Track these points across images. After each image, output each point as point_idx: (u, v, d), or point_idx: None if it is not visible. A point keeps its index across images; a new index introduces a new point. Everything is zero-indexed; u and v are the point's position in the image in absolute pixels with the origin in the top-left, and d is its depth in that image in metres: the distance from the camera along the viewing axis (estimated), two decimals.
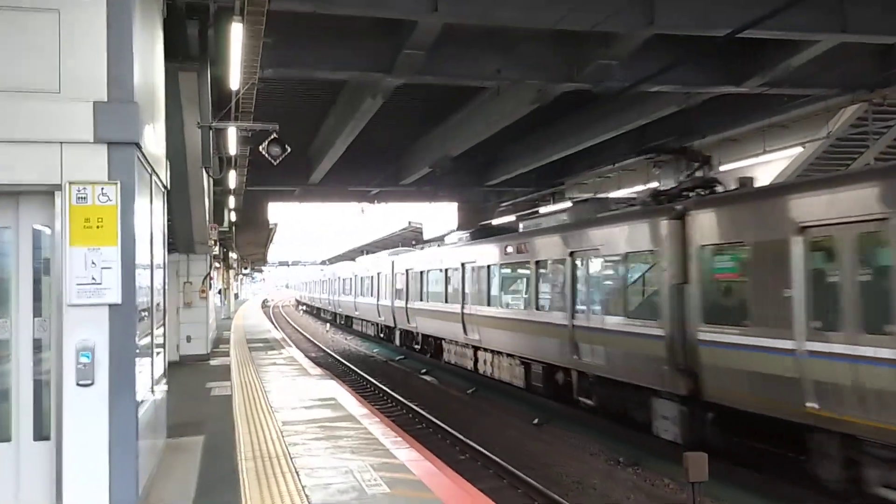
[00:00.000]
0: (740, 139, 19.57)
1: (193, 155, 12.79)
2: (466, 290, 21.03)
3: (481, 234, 21.88)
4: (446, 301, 22.99)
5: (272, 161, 11.09)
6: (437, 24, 11.59)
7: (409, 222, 44.83)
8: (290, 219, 65.97)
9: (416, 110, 21.46)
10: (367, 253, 50.80)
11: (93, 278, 5.87)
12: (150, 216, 7.37)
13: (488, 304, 19.47)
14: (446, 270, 23.10)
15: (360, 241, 61.30)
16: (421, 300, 26.30)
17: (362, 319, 39.89)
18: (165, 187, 8.62)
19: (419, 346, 28.04)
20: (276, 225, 43.70)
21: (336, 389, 13.53)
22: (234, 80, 10.62)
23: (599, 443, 13.84)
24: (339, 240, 75.33)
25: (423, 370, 25.46)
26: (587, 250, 13.81)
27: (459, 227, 37.11)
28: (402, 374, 25.54)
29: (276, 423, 10.08)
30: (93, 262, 5.87)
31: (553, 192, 31.02)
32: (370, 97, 15.74)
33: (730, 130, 19.29)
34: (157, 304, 8.10)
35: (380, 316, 33.62)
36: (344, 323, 48.26)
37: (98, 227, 5.89)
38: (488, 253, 19.41)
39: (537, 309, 16.50)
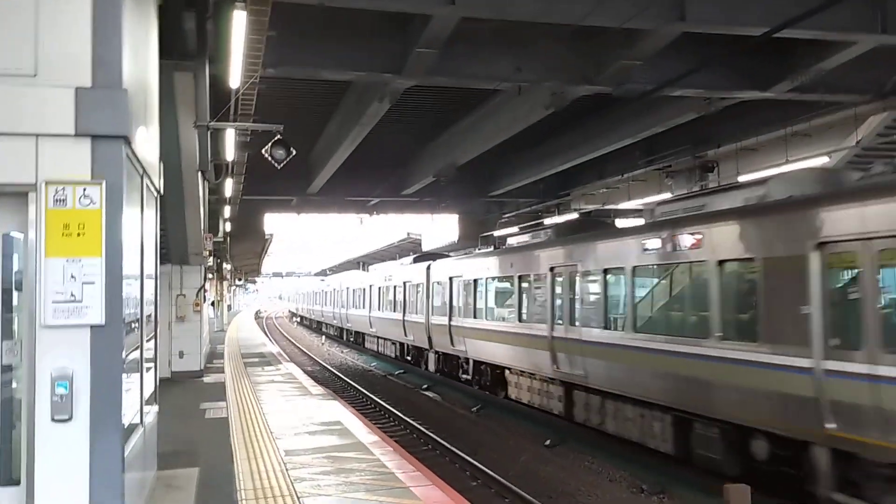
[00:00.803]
0: (759, 148, 18.80)
1: (189, 160, 11.93)
2: (564, 306, 15.28)
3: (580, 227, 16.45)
4: (522, 320, 17.39)
5: (276, 165, 10.22)
6: (452, 18, 10.77)
7: (408, 233, 44.01)
8: (285, 229, 64.94)
9: (422, 117, 20.65)
10: (364, 265, 49.92)
11: (72, 295, 4.99)
12: (142, 223, 6.50)
13: (612, 328, 13.69)
14: (521, 278, 17.46)
15: (357, 252, 60.43)
16: (474, 317, 20.99)
17: (380, 338, 33.70)
18: (159, 192, 7.75)
19: (468, 376, 22.01)
20: (271, 235, 42.82)
21: (341, 411, 12.63)
22: (235, 78, 9.78)
23: (619, 467, 13.01)
24: (334, 251, 74.37)
25: (425, 386, 24.59)
26: None
27: (460, 239, 36.37)
28: (403, 389, 24.65)
29: (277, 451, 9.17)
30: (72, 276, 4.99)
31: (558, 203, 30.22)
32: (377, 101, 14.91)
33: (749, 139, 18.49)
34: (148, 318, 7.21)
35: (407, 335, 28.16)
36: (354, 340, 41.50)
37: (79, 234, 5.01)
38: (618, 251, 13.13)
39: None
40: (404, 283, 28.82)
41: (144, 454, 6.78)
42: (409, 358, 28.91)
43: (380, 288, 33.21)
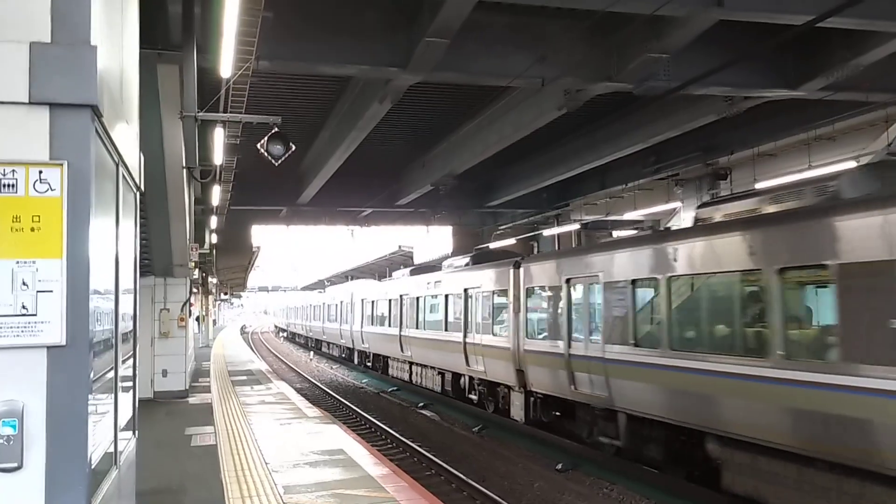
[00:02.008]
0: (779, 153, 17.88)
1: (174, 162, 10.85)
2: None
3: None
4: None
5: (273, 161, 9.10)
6: (467, 3, 9.74)
7: (400, 246, 42.94)
8: (272, 242, 63.73)
9: (420, 124, 19.63)
10: (352, 278, 49.29)
11: (23, 307, 3.87)
12: (117, 223, 5.37)
13: None
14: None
15: (346, 266, 59.23)
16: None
17: (419, 365, 24.76)
18: (139, 189, 6.63)
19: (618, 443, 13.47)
20: (258, 248, 41.64)
21: (341, 438, 11.48)
22: (226, 66, 8.70)
23: (642, 494, 12.03)
24: (321, 265, 73.15)
25: (421, 404, 23.44)
26: None
27: (454, 252, 35.35)
28: (398, 408, 23.50)
29: (275, 489, 8.02)
30: (24, 283, 3.88)
31: (558, 213, 29.27)
32: (377, 101, 13.86)
33: (766, 144, 17.58)
34: (126, 336, 6.07)
35: (473, 364, 19.73)
36: (371, 366, 32.98)
37: (33, 229, 3.90)
38: None
39: None
40: (468, 290, 19.79)
41: (119, 499, 5.63)
42: (471, 396, 20.56)
43: (418, 298, 24.40)
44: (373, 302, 30.98)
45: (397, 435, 17.45)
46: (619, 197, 24.79)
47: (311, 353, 49.86)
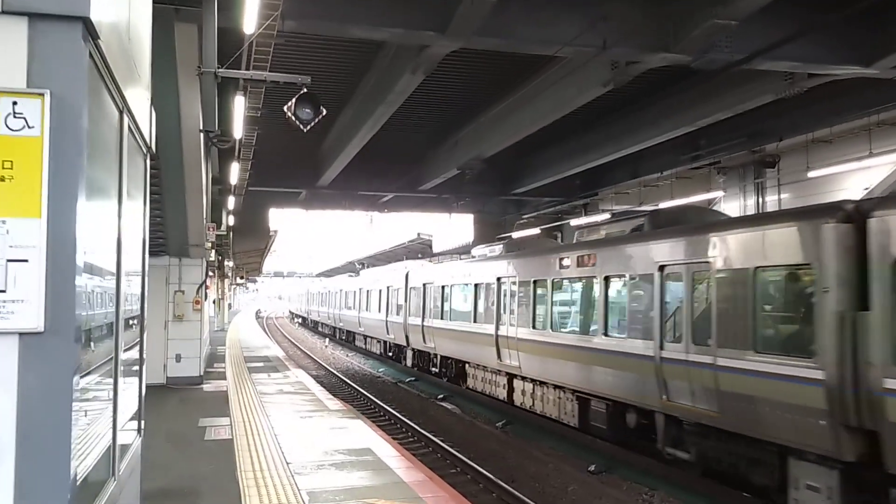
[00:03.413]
0: (834, 140, 16.72)
1: (191, 134, 9.93)
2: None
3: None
4: None
5: (302, 127, 8.13)
6: None
7: (419, 234, 41.94)
8: (289, 227, 62.88)
9: (450, 101, 18.60)
10: (367, 266, 47.90)
11: None
12: (120, 183, 4.43)
13: None
14: None
15: (363, 253, 58.37)
16: None
17: (541, 382, 16.65)
18: (150, 150, 5.69)
19: None
20: (276, 232, 40.78)
21: (368, 435, 10.56)
22: (249, 22, 7.75)
23: (685, 501, 11.14)
24: (337, 252, 72.29)
25: (441, 395, 22.56)
26: None
27: (475, 241, 34.38)
28: (416, 399, 22.63)
29: (298, 495, 7.09)
30: None
31: (585, 202, 28.19)
32: (409, 72, 12.88)
33: (821, 130, 16.45)
34: (131, 321, 5.14)
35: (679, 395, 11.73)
36: (446, 373, 23.80)
37: (3, 178, 2.97)
38: None
39: None
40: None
41: None
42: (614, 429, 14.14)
43: (536, 283, 16.53)
44: (444, 288, 22.72)
45: (420, 429, 16.60)
46: (653, 186, 23.66)
47: (327, 339, 49.04)
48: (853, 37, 11.87)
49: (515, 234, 29.67)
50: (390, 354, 31.70)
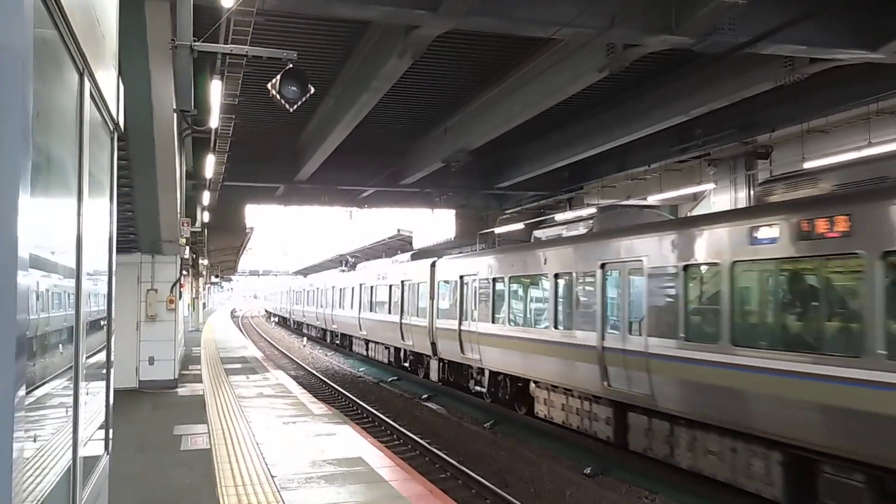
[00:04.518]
0: (830, 130, 16.28)
1: (164, 120, 9.18)
2: None
3: None
4: None
5: (288, 106, 7.41)
6: None
7: (399, 230, 41.25)
8: (265, 224, 61.68)
9: (436, 89, 17.91)
10: (347, 264, 46.19)
11: None
12: (80, 160, 3.71)
13: None
14: None
15: (340, 251, 57.57)
16: None
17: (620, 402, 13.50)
18: (117, 126, 4.96)
19: None
20: (251, 229, 39.91)
21: (357, 441, 9.89)
22: None
23: None
24: (314, 250, 71.33)
25: (425, 396, 22.00)
26: None
27: (457, 237, 33.80)
28: (400, 399, 22.06)
29: None
30: None
31: (570, 197, 27.64)
32: (396, 56, 12.18)
33: (818, 119, 15.98)
34: (95, 324, 4.41)
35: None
36: (492, 392, 19.11)
37: None
38: None
39: None
40: None
41: None
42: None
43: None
44: (498, 282, 17.84)
45: (406, 432, 16.02)
46: (641, 179, 23.15)
47: (305, 339, 48.18)
48: (859, 20, 11.36)
49: (498, 230, 29.16)
50: (406, 365, 26.16)
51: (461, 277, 20.27)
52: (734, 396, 9.96)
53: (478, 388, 19.80)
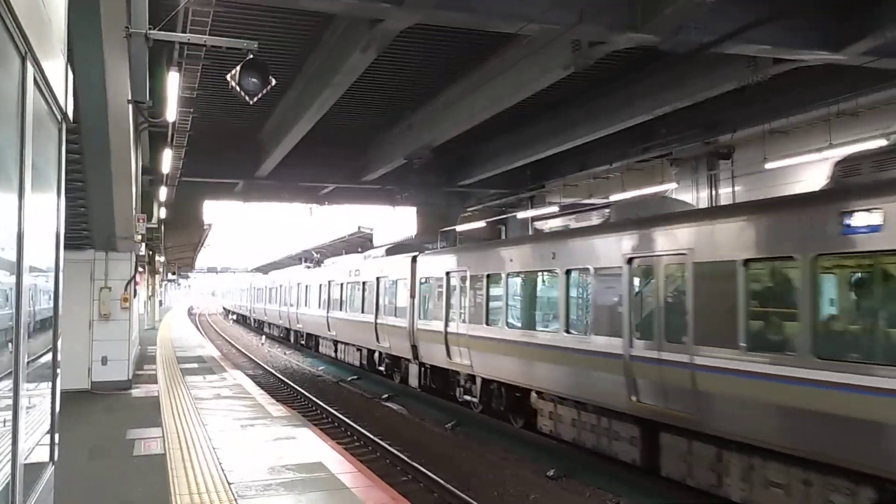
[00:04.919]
0: (791, 131, 16.41)
1: (118, 112, 8.81)
2: None
3: None
4: None
5: (248, 99, 7.11)
6: None
7: (360, 227, 40.89)
8: (223, 220, 60.64)
9: (398, 85, 17.67)
10: (311, 260, 45.32)
11: None
12: (21, 145, 3.42)
13: None
14: None
15: (300, 248, 56.94)
16: None
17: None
18: (65, 116, 4.67)
19: None
20: (210, 226, 39.24)
21: (317, 446, 9.62)
22: None
23: None
24: (273, 247, 70.42)
25: (386, 395, 21.73)
26: None
27: (419, 235, 33.60)
28: (360, 399, 21.77)
29: None
30: None
31: (532, 195, 27.59)
32: (359, 50, 11.93)
33: (779, 120, 16.08)
34: (41, 325, 4.11)
35: None
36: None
37: None
38: None
39: None
40: None
41: None
42: None
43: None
44: (492, 278, 16.03)
45: (367, 433, 15.75)
46: (603, 178, 23.18)
47: (263, 337, 47.49)
48: (823, 22, 11.40)
49: (460, 228, 28.99)
50: (381, 369, 24.49)
51: (448, 274, 18.16)
52: (815, 420, 8.16)
53: (466, 397, 17.78)
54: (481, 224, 28.33)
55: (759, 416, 8.89)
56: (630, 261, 11.29)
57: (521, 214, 27.09)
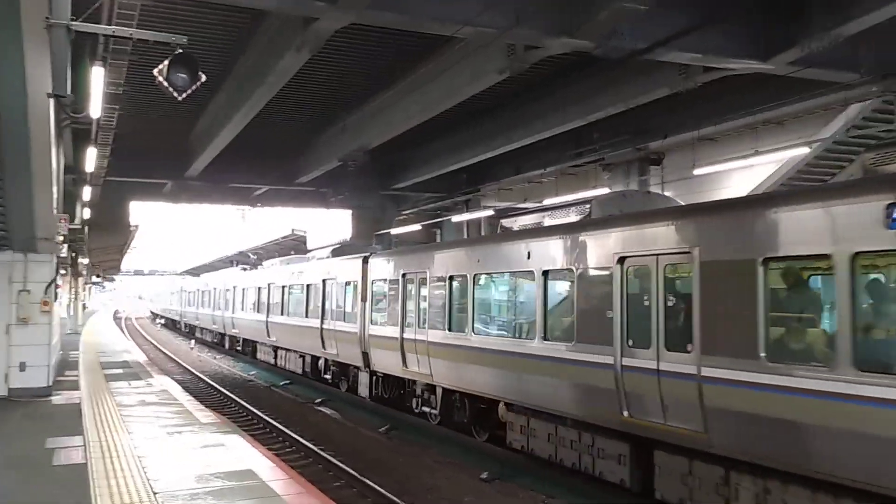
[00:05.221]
0: (719, 138, 16.84)
1: (39, 109, 8.44)
2: None
3: None
4: None
5: (176, 95, 6.86)
6: None
7: (293, 230, 40.36)
8: (151, 221, 59.19)
9: (333, 87, 17.49)
10: (243, 263, 44.22)
11: None
12: None
13: None
14: None
15: (232, 250, 55.87)
16: None
17: None
18: None
19: None
20: (136, 227, 38.14)
21: (248, 452, 9.38)
22: None
23: None
24: (203, 249, 68.98)
25: (319, 400, 21.46)
26: None
27: (354, 237, 33.35)
28: (293, 405, 21.46)
29: None
30: None
31: (467, 199, 27.68)
32: (293, 50, 11.74)
33: (707, 128, 16.47)
34: None
35: None
36: None
37: None
38: None
39: None
40: None
41: None
42: None
43: None
44: (457, 280, 14.62)
45: (300, 438, 15.50)
46: (537, 182, 23.42)
47: (192, 341, 46.35)
48: (752, 31, 11.68)
49: (395, 231, 28.86)
50: (327, 377, 23.02)
51: (404, 276, 16.76)
52: (855, 441, 7.16)
53: (425, 408, 16.38)
54: (417, 227, 28.32)
55: (785, 437, 7.79)
56: (622, 260, 10.06)
57: (455, 218, 27.19)
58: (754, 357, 7.88)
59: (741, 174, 16.29)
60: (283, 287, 26.52)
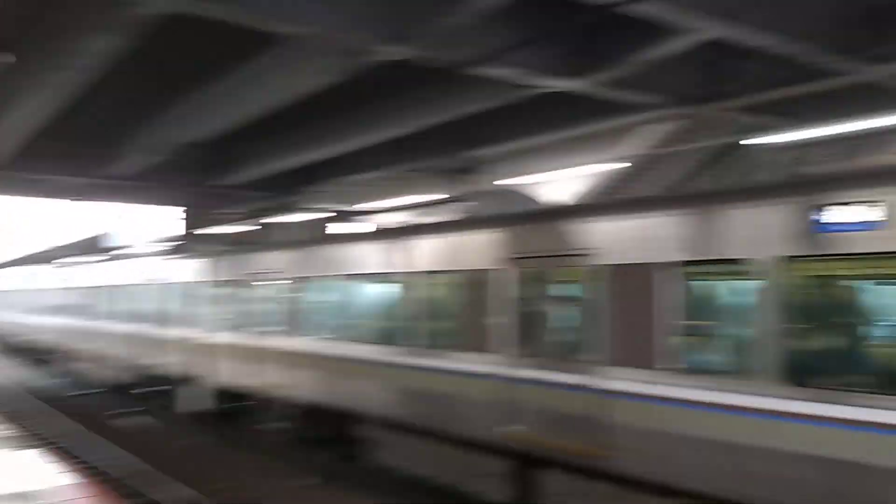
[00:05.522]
0: (535, 151, 17.78)
1: None
2: None
3: None
4: None
5: None
6: None
7: (110, 227, 38.23)
8: None
9: (158, 75, 16.67)
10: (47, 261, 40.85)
11: None
12: None
13: None
14: None
15: (38, 248, 51.81)
16: None
17: None
18: None
19: None
20: None
21: (44, 470, 8.76)
22: None
23: None
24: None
25: (122, 410, 20.56)
26: None
27: (179, 235, 32.11)
28: (89, 418, 20.35)
29: None
30: None
31: (297, 199, 27.32)
32: (110, 33, 11.09)
33: (520, 141, 17.30)
34: None
35: None
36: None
37: None
38: None
39: None
40: None
41: None
42: None
43: None
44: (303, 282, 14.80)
45: (102, 451, 14.83)
46: (368, 186, 23.64)
47: None
48: (568, 51, 12.27)
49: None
50: (139, 392, 21.38)
51: (251, 276, 16.21)
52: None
53: (274, 424, 15.03)
54: (244, 228, 27.60)
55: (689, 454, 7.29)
56: (514, 262, 9.52)
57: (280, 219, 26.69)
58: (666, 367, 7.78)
59: (542, 188, 17.18)
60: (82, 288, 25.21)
